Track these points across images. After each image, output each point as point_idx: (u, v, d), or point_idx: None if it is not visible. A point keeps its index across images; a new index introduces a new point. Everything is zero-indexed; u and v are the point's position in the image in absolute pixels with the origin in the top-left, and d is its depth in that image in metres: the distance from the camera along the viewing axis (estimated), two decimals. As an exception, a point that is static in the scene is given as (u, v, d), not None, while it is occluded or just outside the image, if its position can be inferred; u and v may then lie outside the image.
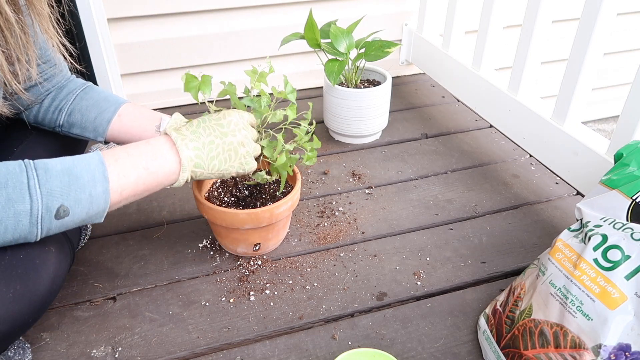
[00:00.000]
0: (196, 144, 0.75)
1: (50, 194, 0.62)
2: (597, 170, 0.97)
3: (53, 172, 0.63)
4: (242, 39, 1.50)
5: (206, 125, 0.78)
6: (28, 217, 0.61)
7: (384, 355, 0.71)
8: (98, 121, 0.89)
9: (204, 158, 0.76)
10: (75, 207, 0.64)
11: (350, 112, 1.26)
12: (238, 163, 0.80)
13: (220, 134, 0.78)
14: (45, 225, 0.63)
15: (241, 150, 0.79)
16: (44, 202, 0.62)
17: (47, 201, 0.62)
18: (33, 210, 0.61)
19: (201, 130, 0.77)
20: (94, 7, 1.31)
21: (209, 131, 0.77)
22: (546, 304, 0.69)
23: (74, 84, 0.92)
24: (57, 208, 0.63)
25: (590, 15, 0.95)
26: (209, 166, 0.77)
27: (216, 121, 0.79)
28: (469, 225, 1.06)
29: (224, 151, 0.78)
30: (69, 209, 0.64)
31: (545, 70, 1.75)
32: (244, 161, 0.80)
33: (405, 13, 1.63)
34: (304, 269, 0.95)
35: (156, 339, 0.82)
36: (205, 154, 0.76)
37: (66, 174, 0.64)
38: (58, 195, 0.63)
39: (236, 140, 0.79)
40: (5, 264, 0.65)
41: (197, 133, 0.77)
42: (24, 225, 0.61)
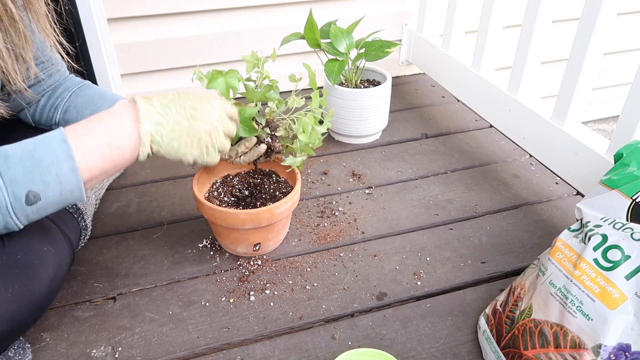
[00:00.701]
0: (160, 119, 0.71)
1: (13, 182, 0.60)
2: (597, 170, 0.97)
3: (14, 159, 0.61)
4: (242, 39, 1.50)
5: (180, 104, 0.74)
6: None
7: (384, 355, 0.71)
8: None
9: (164, 136, 0.71)
10: (45, 190, 0.62)
11: (350, 112, 1.26)
12: (198, 152, 0.75)
13: (190, 116, 0.73)
14: (20, 213, 0.62)
15: (204, 140, 0.75)
16: (10, 191, 0.60)
17: (12, 189, 0.60)
18: (1, 202, 0.60)
19: (172, 107, 0.73)
20: (93, 7, 1.31)
21: (180, 110, 0.73)
22: (546, 304, 0.69)
23: (71, 82, 0.92)
24: (25, 194, 0.61)
25: (590, 15, 0.95)
26: (166, 145, 0.72)
27: (192, 102, 0.75)
28: (469, 225, 1.06)
29: (187, 134, 0.73)
30: (39, 193, 0.62)
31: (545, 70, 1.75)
32: (205, 151, 0.76)
33: (405, 13, 1.63)
34: (304, 269, 0.95)
35: (156, 339, 0.82)
36: (167, 133, 0.72)
37: (27, 159, 0.62)
38: (22, 181, 0.61)
39: (203, 128, 0.74)
40: (3, 264, 0.65)
41: (167, 108, 0.72)
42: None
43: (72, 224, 0.91)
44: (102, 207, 1.11)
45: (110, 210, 1.10)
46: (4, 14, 0.65)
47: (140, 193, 1.15)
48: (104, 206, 1.11)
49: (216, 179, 1.02)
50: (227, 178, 1.02)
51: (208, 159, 0.77)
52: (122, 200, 1.13)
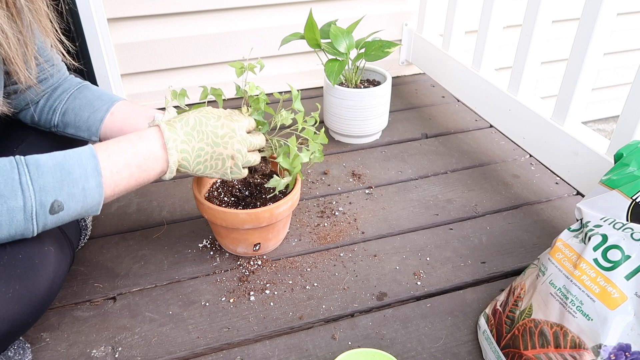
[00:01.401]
0: (186, 146, 0.76)
1: (43, 190, 0.62)
2: (597, 170, 0.97)
3: (45, 168, 0.63)
4: (242, 39, 1.50)
5: (202, 130, 0.77)
6: (22, 213, 0.61)
7: (384, 355, 0.71)
8: (91, 120, 0.89)
9: (190, 161, 0.77)
10: (69, 201, 0.64)
11: (350, 112, 1.26)
12: (222, 172, 0.81)
13: (213, 142, 0.78)
14: (41, 221, 0.63)
15: (228, 163, 0.80)
16: (37, 198, 0.62)
17: (40, 197, 0.62)
18: (27, 207, 0.61)
19: (195, 134, 0.76)
20: (93, 7, 1.31)
21: (202, 137, 0.77)
22: (546, 304, 0.69)
23: (69, 83, 0.92)
24: (51, 203, 0.63)
25: (590, 15, 0.95)
26: (193, 169, 0.78)
27: (213, 129, 0.78)
28: (469, 225, 1.06)
29: (211, 159, 0.78)
30: (63, 203, 0.64)
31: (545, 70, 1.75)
32: (229, 171, 0.81)
33: (405, 13, 1.63)
34: (304, 269, 0.95)
35: (156, 339, 0.82)
36: (192, 159, 0.77)
37: (58, 169, 0.64)
38: (51, 190, 0.63)
39: (226, 153, 0.79)
40: (4, 264, 0.65)
41: (190, 135, 0.76)
42: (18, 221, 0.62)
43: (72, 223, 0.91)
44: (103, 207, 1.10)
45: (110, 210, 1.10)
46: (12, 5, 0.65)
47: (140, 193, 1.15)
48: (104, 206, 1.11)
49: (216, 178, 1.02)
50: (227, 178, 1.02)
51: (233, 176, 0.82)
52: (122, 200, 1.13)
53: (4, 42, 0.65)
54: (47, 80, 0.89)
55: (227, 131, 0.79)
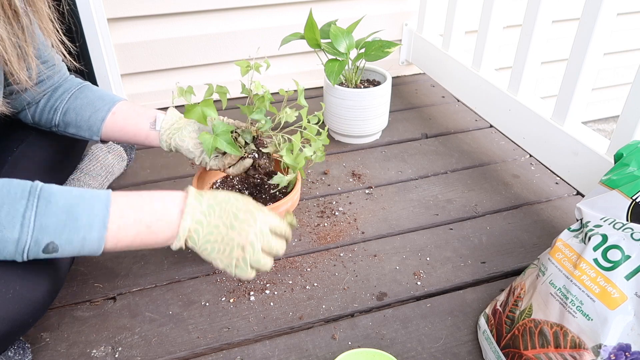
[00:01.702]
0: (202, 218, 0.70)
1: (42, 229, 0.61)
2: (597, 170, 0.97)
3: (53, 208, 0.62)
4: (242, 39, 1.50)
5: (225, 208, 0.72)
6: (14, 246, 0.61)
7: (384, 355, 0.71)
8: (92, 120, 0.89)
9: (200, 236, 0.70)
10: (65, 246, 0.63)
11: (350, 112, 1.26)
12: (227, 261, 0.72)
13: (230, 225, 0.71)
14: (32, 255, 0.63)
15: (236, 252, 0.71)
16: (33, 236, 0.61)
17: (37, 235, 0.61)
18: (20, 241, 0.60)
19: (217, 209, 0.71)
20: (93, 7, 1.31)
21: (222, 214, 0.71)
22: (546, 304, 0.69)
23: (70, 83, 0.92)
24: (46, 244, 0.62)
25: (590, 15, 0.95)
26: (200, 247, 0.71)
27: (236, 210, 0.72)
28: (469, 225, 1.06)
29: (222, 241, 0.71)
30: (59, 247, 0.63)
31: (545, 70, 1.75)
32: (235, 263, 0.72)
33: (405, 13, 1.63)
34: (304, 269, 0.95)
35: (156, 339, 0.82)
36: (203, 235, 0.70)
37: (65, 212, 0.62)
38: (51, 232, 0.62)
39: (237, 240, 0.71)
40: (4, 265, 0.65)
41: (212, 208, 0.71)
42: (9, 251, 0.61)
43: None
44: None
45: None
46: (8, 7, 0.65)
47: (140, 193, 1.15)
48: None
49: (216, 179, 1.02)
50: (227, 178, 1.02)
51: (237, 271, 0.72)
52: (122, 200, 1.13)
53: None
54: (48, 80, 0.89)
55: (248, 217, 0.72)
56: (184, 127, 0.90)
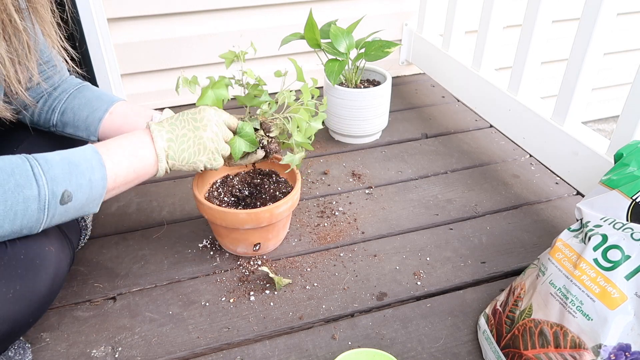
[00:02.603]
0: (170, 135, 0.78)
1: (54, 180, 0.65)
2: (597, 170, 0.97)
3: (53, 162, 0.66)
4: (242, 39, 1.50)
5: (183, 119, 0.80)
6: (36, 202, 0.63)
7: (384, 355, 0.71)
8: (90, 120, 0.89)
9: (175, 149, 0.78)
10: (77, 192, 0.67)
11: (350, 112, 1.26)
12: (206, 157, 0.81)
13: (193, 127, 0.80)
14: (51, 211, 0.65)
15: (210, 145, 0.80)
16: (49, 187, 0.64)
17: (52, 186, 0.64)
18: (41, 195, 0.63)
19: (177, 123, 0.80)
20: (93, 7, 1.31)
21: (184, 124, 0.80)
22: (546, 304, 0.69)
23: (69, 83, 0.92)
24: (61, 193, 0.65)
25: (590, 15, 0.95)
26: (179, 157, 0.79)
27: (192, 115, 0.81)
28: (469, 225, 1.06)
29: (194, 144, 0.79)
30: (72, 194, 0.66)
31: (545, 70, 1.75)
32: (212, 157, 0.81)
33: (405, 13, 1.63)
34: (304, 269, 0.95)
35: (156, 339, 0.82)
36: (177, 146, 0.78)
37: (66, 162, 0.67)
38: (61, 180, 0.65)
39: (206, 136, 0.80)
40: (5, 265, 0.65)
41: (174, 125, 0.79)
42: (32, 210, 0.63)
43: (72, 223, 0.91)
44: (102, 207, 1.09)
45: (110, 210, 1.10)
46: (9, 24, 0.66)
47: (140, 193, 1.15)
48: (104, 206, 1.10)
49: (216, 179, 1.02)
50: (227, 178, 1.02)
51: (215, 163, 0.82)
52: (122, 200, 1.13)
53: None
54: (47, 80, 0.89)
55: (205, 114, 0.81)
56: None
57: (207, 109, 0.83)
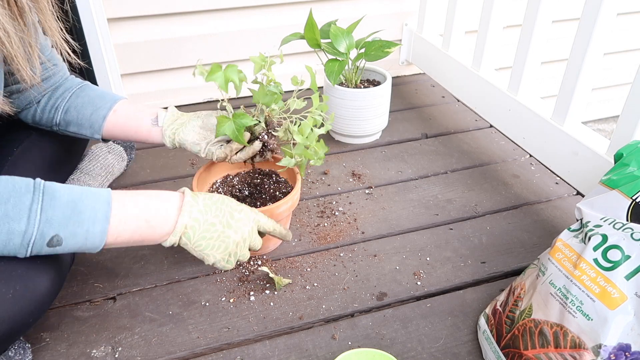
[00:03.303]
0: (199, 216, 0.74)
1: (48, 222, 0.63)
2: (597, 170, 0.97)
3: (58, 202, 0.64)
4: (242, 39, 1.50)
5: (221, 207, 0.76)
6: (20, 238, 0.62)
7: (384, 355, 0.71)
8: (94, 118, 0.89)
9: (196, 234, 0.74)
10: (69, 239, 0.65)
11: (350, 112, 1.26)
12: (221, 256, 0.77)
13: (226, 223, 0.76)
14: (36, 249, 0.64)
15: (231, 248, 0.77)
16: (40, 229, 0.62)
17: (43, 228, 0.62)
18: (27, 233, 0.62)
19: (213, 208, 0.76)
20: (93, 7, 1.31)
21: (218, 213, 0.76)
22: (546, 304, 0.69)
23: (70, 82, 0.92)
24: (51, 237, 0.63)
25: (590, 15, 0.95)
26: (194, 242, 0.75)
27: (231, 210, 0.77)
28: (469, 225, 1.06)
29: (217, 239, 0.76)
30: (63, 240, 0.64)
31: (545, 70, 1.75)
32: (227, 259, 0.78)
33: (405, 13, 1.63)
34: (304, 269, 0.95)
35: (156, 339, 0.82)
36: (199, 232, 0.74)
37: (69, 206, 0.64)
38: (56, 225, 0.63)
39: (234, 238, 0.77)
40: (5, 265, 0.65)
41: (208, 207, 0.75)
42: (14, 244, 0.62)
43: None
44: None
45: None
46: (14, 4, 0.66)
47: (140, 193, 1.15)
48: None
49: (216, 179, 1.02)
50: (227, 178, 1.02)
51: (227, 266, 0.79)
52: (122, 200, 1.13)
53: (6, 41, 0.65)
54: (49, 79, 0.89)
55: (243, 217, 0.78)
56: (188, 122, 0.91)
57: (249, 211, 0.79)
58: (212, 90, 1.56)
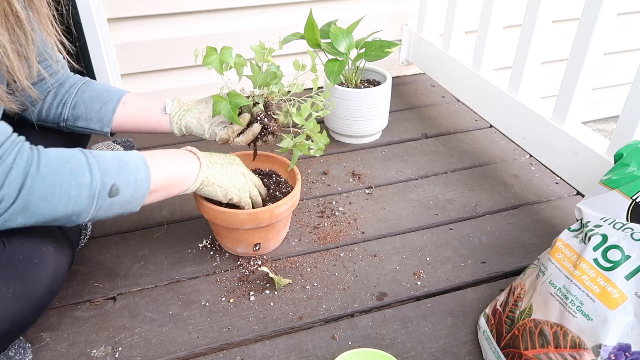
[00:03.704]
0: (209, 159, 0.85)
1: (105, 173, 0.68)
2: (597, 170, 0.97)
3: (105, 156, 0.70)
4: (242, 39, 1.50)
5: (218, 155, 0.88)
6: (88, 190, 0.66)
7: (384, 355, 0.71)
8: (103, 111, 0.91)
9: (216, 172, 0.84)
10: (124, 188, 0.70)
11: (350, 112, 1.26)
12: (237, 188, 0.87)
13: (228, 161, 0.88)
14: (99, 202, 0.68)
15: (242, 181, 0.88)
16: (100, 179, 0.68)
17: (103, 178, 0.68)
18: (92, 184, 0.67)
19: (213, 155, 0.87)
20: (93, 7, 1.31)
21: (219, 158, 0.87)
22: (546, 304, 0.69)
23: (74, 79, 0.93)
24: (110, 186, 0.69)
25: (590, 15, 0.95)
26: (218, 179, 0.84)
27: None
28: (469, 225, 1.06)
29: (229, 173, 0.86)
30: (119, 188, 0.70)
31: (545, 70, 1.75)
32: (243, 189, 0.87)
33: (405, 13, 1.63)
34: (304, 269, 0.95)
35: (156, 339, 0.82)
36: (216, 169, 0.84)
37: (115, 159, 0.71)
38: (112, 174, 0.69)
39: (240, 170, 0.88)
40: (4, 264, 0.65)
41: (210, 155, 0.86)
42: (83, 197, 0.66)
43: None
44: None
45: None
46: (10, 13, 0.66)
47: (140, 193, 1.15)
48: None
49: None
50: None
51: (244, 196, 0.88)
52: (122, 200, 1.13)
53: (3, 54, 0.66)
54: (50, 77, 0.89)
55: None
56: (193, 107, 0.95)
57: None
58: (212, 90, 1.56)
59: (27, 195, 0.62)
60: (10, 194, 0.61)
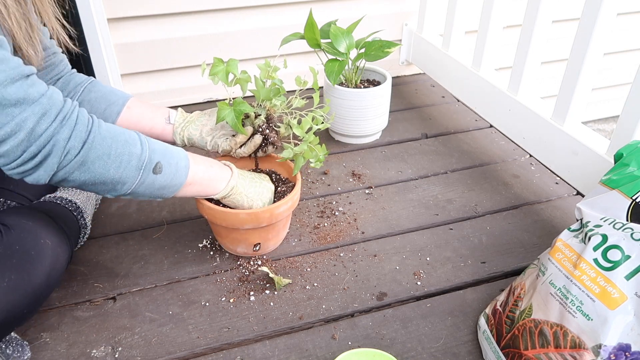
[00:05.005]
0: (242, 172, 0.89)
1: (153, 150, 0.73)
2: (597, 170, 0.97)
3: (152, 139, 0.75)
4: (242, 39, 1.50)
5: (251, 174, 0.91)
6: (137, 160, 0.71)
7: (384, 355, 0.71)
8: (107, 113, 0.91)
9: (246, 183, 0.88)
10: (167, 168, 0.75)
11: (350, 112, 1.26)
12: (263, 201, 0.90)
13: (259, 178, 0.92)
14: (144, 175, 0.72)
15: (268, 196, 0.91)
16: (149, 154, 0.73)
17: (151, 154, 0.73)
18: (142, 156, 0.72)
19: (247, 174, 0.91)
20: (93, 7, 1.31)
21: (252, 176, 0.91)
22: (546, 304, 0.69)
23: (79, 77, 0.93)
24: (156, 162, 0.73)
25: (590, 15, 0.95)
26: (247, 189, 0.87)
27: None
28: (469, 225, 1.06)
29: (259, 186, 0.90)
30: (163, 167, 0.74)
31: (545, 70, 1.75)
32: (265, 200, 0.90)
33: (405, 13, 1.63)
34: (304, 269, 0.95)
35: (156, 339, 0.82)
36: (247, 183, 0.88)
37: (162, 143, 0.76)
38: (158, 153, 0.74)
39: (268, 187, 0.92)
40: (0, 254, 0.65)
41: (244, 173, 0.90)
42: (132, 166, 0.71)
43: (70, 220, 0.92)
44: (102, 207, 1.11)
45: (110, 210, 1.10)
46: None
47: (140, 193, 1.15)
48: (103, 206, 1.11)
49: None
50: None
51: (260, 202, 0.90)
52: (122, 200, 1.13)
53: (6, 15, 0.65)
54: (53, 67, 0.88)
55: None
56: (196, 119, 0.96)
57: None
58: (213, 90, 1.56)
59: (88, 150, 0.67)
60: (76, 147, 0.66)
